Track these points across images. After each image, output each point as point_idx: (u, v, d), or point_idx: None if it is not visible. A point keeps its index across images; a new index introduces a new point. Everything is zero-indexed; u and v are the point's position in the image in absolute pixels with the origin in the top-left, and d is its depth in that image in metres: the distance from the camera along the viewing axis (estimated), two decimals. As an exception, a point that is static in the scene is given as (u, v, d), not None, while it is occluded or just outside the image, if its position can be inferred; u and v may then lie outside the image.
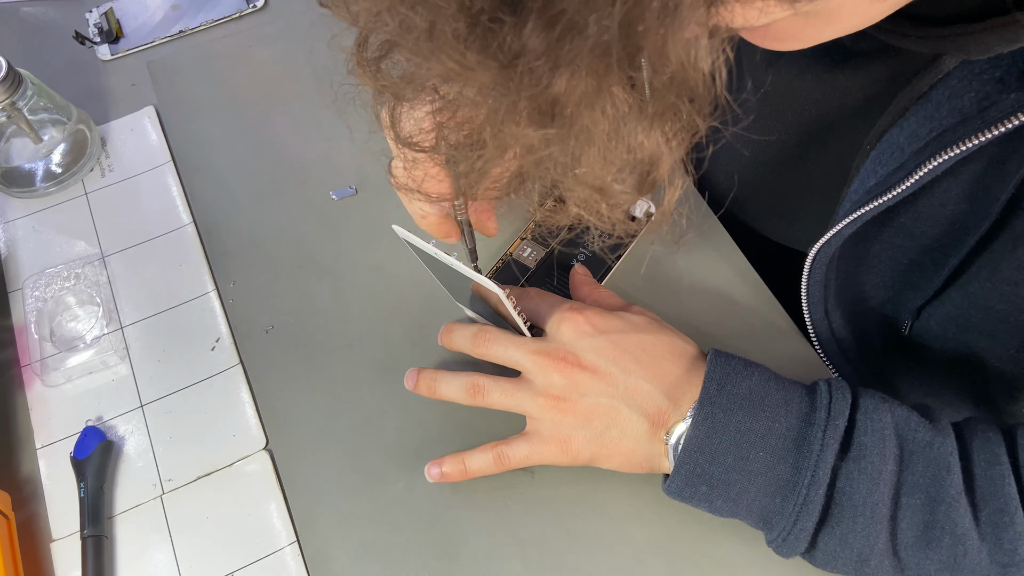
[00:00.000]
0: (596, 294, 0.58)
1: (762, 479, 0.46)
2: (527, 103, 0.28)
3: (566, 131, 0.29)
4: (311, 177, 0.70)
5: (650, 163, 0.31)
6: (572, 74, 0.26)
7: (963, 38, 0.40)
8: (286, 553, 0.53)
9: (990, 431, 0.47)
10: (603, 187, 0.33)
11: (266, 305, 0.64)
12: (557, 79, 0.27)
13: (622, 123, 0.29)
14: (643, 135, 0.30)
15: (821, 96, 0.56)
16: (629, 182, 0.33)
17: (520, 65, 0.27)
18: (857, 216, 0.48)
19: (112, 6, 0.84)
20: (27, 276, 0.65)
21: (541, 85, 0.27)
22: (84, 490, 0.55)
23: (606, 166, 0.31)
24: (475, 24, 0.26)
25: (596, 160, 0.31)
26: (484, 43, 0.27)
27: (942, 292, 0.51)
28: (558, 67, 0.26)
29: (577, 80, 0.27)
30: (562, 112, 0.28)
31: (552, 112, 0.28)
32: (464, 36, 0.27)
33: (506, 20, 0.26)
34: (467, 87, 0.29)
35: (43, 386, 0.61)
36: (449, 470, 0.53)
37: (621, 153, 0.30)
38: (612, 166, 0.31)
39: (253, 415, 0.59)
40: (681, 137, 0.31)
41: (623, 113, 0.29)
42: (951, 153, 0.42)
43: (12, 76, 0.65)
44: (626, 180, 0.33)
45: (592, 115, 0.28)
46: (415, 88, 0.33)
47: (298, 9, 0.82)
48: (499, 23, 0.26)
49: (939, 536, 0.44)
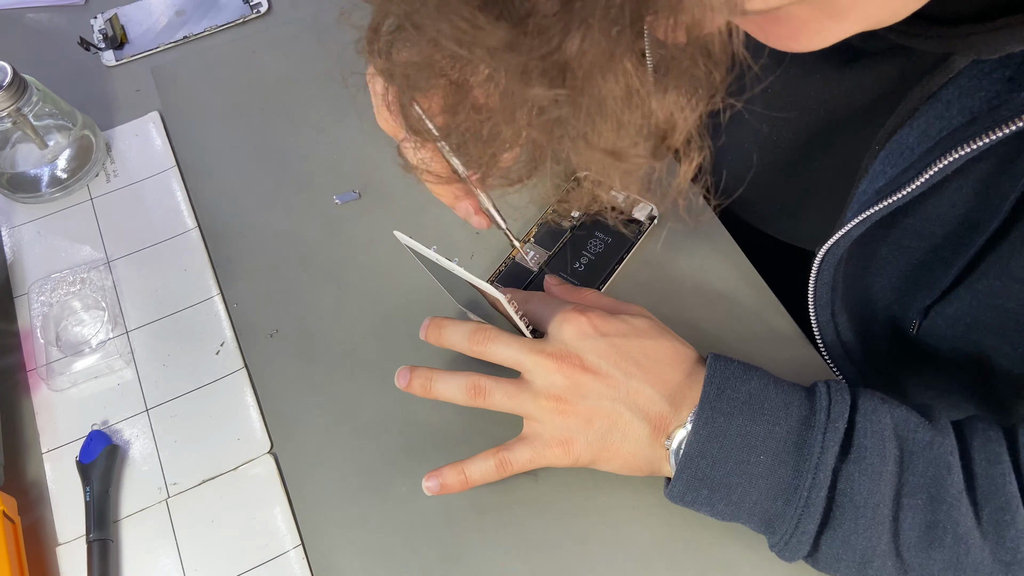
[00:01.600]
0: (577, 295, 0.57)
1: (763, 482, 0.46)
2: (538, 63, 0.27)
3: (577, 93, 0.28)
4: (315, 182, 0.70)
5: (665, 128, 0.31)
6: (584, 36, 0.26)
7: (974, 37, 0.40)
8: (291, 556, 0.54)
9: (990, 430, 0.47)
10: (616, 150, 0.32)
11: (270, 309, 0.64)
12: (569, 40, 0.26)
13: (637, 87, 0.29)
14: (658, 100, 0.29)
15: (829, 96, 0.56)
16: (644, 147, 0.32)
17: (530, 24, 0.26)
18: (866, 216, 0.48)
19: (117, 12, 0.84)
20: (33, 281, 0.66)
21: (552, 46, 0.26)
22: (90, 494, 0.55)
23: (621, 132, 0.30)
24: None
25: (610, 126, 0.30)
26: (494, 3, 0.26)
27: (950, 291, 0.51)
28: (570, 27, 0.26)
29: (589, 42, 0.26)
30: (574, 74, 0.28)
31: (564, 74, 0.28)
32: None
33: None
34: (477, 49, 0.28)
35: (49, 390, 0.61)
36: (449, 481, 0.52)
37: (636, 118, 0.30)
38: (627, 132, 0.30)
39: (258, 419, 0.59)
40: (697, 102, 0.30)
41: (637, 75, 0.28)
42: (961, 152, 0.42)
43: (17, 82, 0.65)
44: (640, 145, 0.32)
45: (605, 78, 0.28)
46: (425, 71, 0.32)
47: (302, 14, 0.82)
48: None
49: (941, 536, 0.44)
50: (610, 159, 0.32)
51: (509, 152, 0.35)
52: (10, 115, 0.65)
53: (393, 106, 0.39)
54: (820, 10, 0.34)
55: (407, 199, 0.68)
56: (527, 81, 0.28)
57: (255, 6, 0.83)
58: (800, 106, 0.58)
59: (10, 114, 0.65)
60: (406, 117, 0.39)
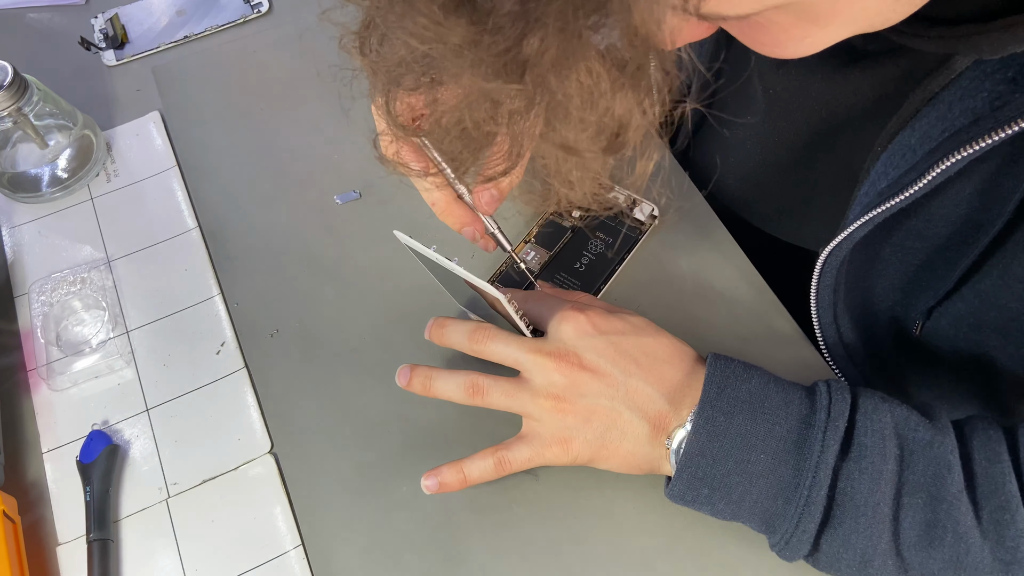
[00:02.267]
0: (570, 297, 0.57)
1: (764, 481, 0.46)
2: (497, 59, 0.29)
3: (535, 88, 0.30)
4: (315, 181, 0.70)
5: (619, 124, 0.32)
6: (542, 36, 0.27)
7: (976, 37, 0.40)
8: (291, 557, 0.54)
9: (991, 429, 0.47)
10: (571, 145, 0.33)
11: (271, 309, 0.64)
12: (528, 39, 0.27)
13: (590, 82, 0.30)
14: (615, 98, 0.30)
15: (831, 96, 0.56)
16: (598, 142, 0.33)
17: (490, 23, 0.27)
18: (868, 219, 0.48)
19: (117, 12, 0.84)
20: (33, 281, 0.66)
21: (510, 43, 0.28)
22: (90, 494, 0.55)
23: (578, 128, 0.32)
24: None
25: (569, 122, 0.31)
26: (458, 1, 0.28)
27: (953, 292, 0.51)
28: (528, 26, 0.27)
29: (547, 42, 0.27)
30: (533, 71, 0.29)
31: (523, 71, 0.29)
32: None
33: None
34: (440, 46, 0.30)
35: (49, 390, 0.61)
36: (448, 480, 0.51)
37: (593, 116, 0.31)
38: (584, 128, 0.32)
39: (258, 419, 0.59)
40: (651, 98, 0.31)
41: (591, 72, 0.29)
42: (964, 153, 0.42)
43: (18, 82, 0.65)
44: (595, 140, 0.33)
45: (564, 76, 0.29)
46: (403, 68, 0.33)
47: (302, 14, 0.82)
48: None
49: (941, 535, 0.44)
50: (564, 153, 0.34)
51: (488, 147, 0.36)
52: (11, 115, 0.65)
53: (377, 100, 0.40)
54: (799, 16, 0.34)
55: (408, 199, 0.68)
56: (485, 76, 0.30)
57: (256, 6, 0.83)
58: (802, 107, 0.58)
59: (11, 114, 0.65)
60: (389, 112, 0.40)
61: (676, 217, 0.65)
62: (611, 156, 0.34)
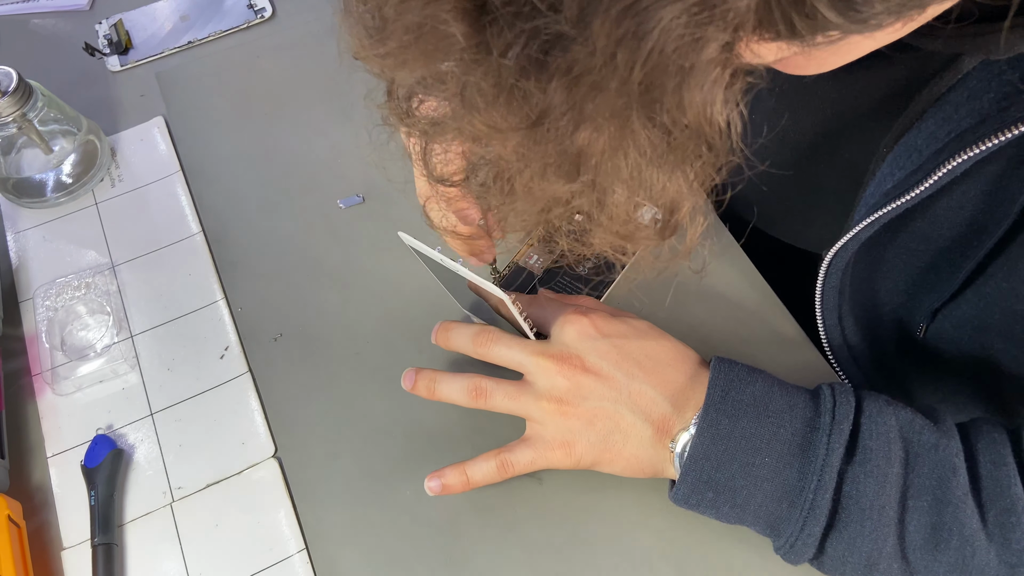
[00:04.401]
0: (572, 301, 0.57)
1: (768, 485, 0.46)
2: (555, 158, 0.29)
3: (590, 181, 0.30)
4: (318, 186, 0.70)
5: (671, 207, 0.33)
6: (595, 128, 0.28)
7: (984, 37, 0.40)
8: (295, 560, 0.54)
9: (995, 432, 0.47)
10: (627, 234, 0.34)
11: (274, 313, 0.64)
12: (581, 132, 0.28)
13: (643, 169, 0.30)
14: (664, 180, 0.31)
15: (837, 96, 0.56)
16: (660, 216, 0.34)
17: (546, 123, 0.28)
18: (874, 219, 0.48)
19: (121, 17, 0.85)
20: (38, 286, 0.66)
21: (567, 140, 0.28)
22: (95, 498, 0.55)
23: (628, 213, 0.32)
24: (502, 87, 0.27)
25: (618, 208, 0.32)
26: (511, 103, 0.28)
27: (958, 295, 0.51)
28: (582, 122, 0.27)
29: (600, 133, 0.28)
30: (587, 163, 0.29)
31: (578, 164, 0.29)
32: (492, 98, 0.28)
33: (531, 81, 0.27)
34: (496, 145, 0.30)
35: (54, 395, 0.61)
36: (451, 481, 0.52)
37: (643, 199, 0.32)
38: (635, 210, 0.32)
39: (262, 423, 0.59)
40: (701, 181, 0.31)
41: (644, 160, 0.30)
42: (970, 153, 0.42)
43: (23, 87, 0.65)
44: (657, 215, 0.34)
45: (615, 163, 0.29)
46: (444, 130, 0.34)
47: (305, 19, 0.82)
48: (525, 84, 0.27)
49: (947, 538, 0.44)
50: (621, 240, 0.35)
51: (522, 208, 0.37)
52: (15, 120, 0.66)
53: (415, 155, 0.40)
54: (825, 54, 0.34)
55: (411, 203, 0.68)
56: (545, 174, 0.30)
57: (259, 11, 0.83)
58: (808, 107, 0.58)
59: (15, 119, 0.65)
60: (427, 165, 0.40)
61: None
62: (665, 239, 0.35)
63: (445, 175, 0.40)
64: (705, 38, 0.25)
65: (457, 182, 0.41)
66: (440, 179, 0.40)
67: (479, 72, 0.27)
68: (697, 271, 0.63)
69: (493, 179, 0.35)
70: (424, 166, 0.40)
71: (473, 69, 0.27)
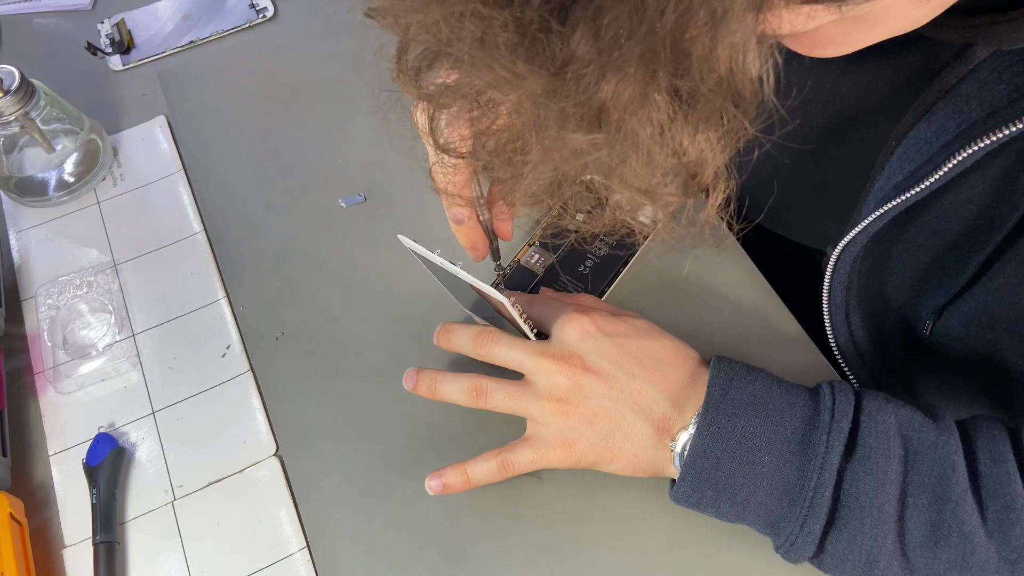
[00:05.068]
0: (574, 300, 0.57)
1: (768, 483, 0.46)
2: (575, 109, 0.28)
3: (613, 135, 0.29)
4: (320, 185, 0.71)
5: (696, 166, 0.32)
6: (619, 80, 0.27)
7: (995, 27, 0.40)
8: (296, 559, 0.54)
9: (995, 429, 0.47)
10: (649, 190, 0.33)
11: (276, 312, 0.64)
12: (605, 85, 0.27)
13: (668, 127, 0.29)
14: (688, 139, 0.30)
15: (847, 89, 0.55)
16: (675, 184, 0.33)
17: (569, 72, 0.27)
18: (883, 212, 0.48)
19: (124, 17, 0.85)
20: (40, 284, 0.66)
21: (589, 92, 0.27)
22: (96, 496, 0.55)
23: (651, 169, 0.31)
24: (525, 34, 0.27)
25: (641, 164, 0.31)
26: (533, 51, 0.27)
27: (966, 290, 0.51)
28: (606, 74, 0.26)
29: (624, 86, 0.27)
30: (609, 117, 0.28)
31: (599, 117, 0.28)
32: (514, 45, 0.27)
33: (555, 29, 0.26)
34: (516, 94, 0.29)
35: (56, 393, 0.61)
36: (451, 481, 0.52)
37: (667, 156, 0.31)
38: (657, 169, 0.31)
39: (263, 421, 0.59)
40: (726, 140, 0.31)
41: (669, 117, 0.29)
42: (980, 145, 0.42)
43: (25, 87, 0.65)
44: (672, 183, 0.33)
45: (639, 119, 0.28)
46: (455, 96, 0.33)
47: (307, 19, 0.83)
48: (548, 32, 0.26)
49: (947, 535, 0.44)
50: (643, 197, 0.33)
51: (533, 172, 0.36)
52: (18, 119, 0.66)
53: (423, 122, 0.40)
54: (849, 24, 0.34)
55: (412, 202, 0.68)
56: (565, 126, 0.29)
57: (261, 11, 0.83)
58: (816, 99, 0.57)
59: (18, 118, 0.66)
60: (435, 133, 0.40)
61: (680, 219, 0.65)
62: (689, 198, 0.34)
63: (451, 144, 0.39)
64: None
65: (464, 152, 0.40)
66: (446, 148, 0.40)
67: (502, 16, 0.26)
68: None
69: (504, 144, 0.35)
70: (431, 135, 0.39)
71: (496, 12, 0.26)
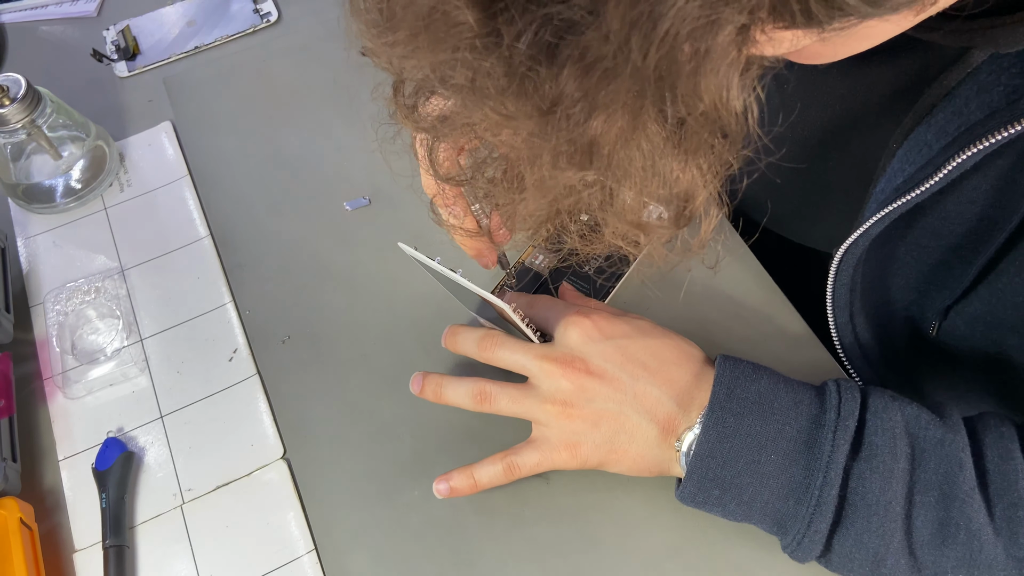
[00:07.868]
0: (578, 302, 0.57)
1: (774, 482, 0.46)
2: (566, 146, 0.29)
3: (604, 171, 0.30)
4: (325, 189, 0.71)
5: (686, 197, 0.32)
6: (607, 116, 0.27)
7: (993, 31, 0.40)
8: (304, 561, 0.54)
9: (1003, 426, 0.46)
10: (641, 223, 0.34)
11: (282, 316, 0.64)
12: (594, 121, 0.27)
13: (657, 158, 0.30)
14: (678, 170, 0.31)
15: (847, 91, 0.55)
16: (666, 216, 0.34)
17: (559, 111, 0.27)
18: (885, 214, 0.48)
19: (129, 24, 0.85)
20: (48, 290, 0.66)
21: (579, 128, 0.28)
22: (106, 500, 0.56)
23: (642, 201, 0.32)
24: (514, 75, 0.27)
25: (633, 196, 0.32)
26: (523, 91, 0.27)
27: (970, 291, 0.51)
28: (595, 110, 0.27)
29: (612, 121, 0.27)
30: (599, 152, 0.29)
31: (590, 153, 0.29)
32: (504, 87, 0.28)
33: (543, 68, 0.26)
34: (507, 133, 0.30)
35: (65, 398, 0.61)
36: (458, 484, 0.52)
37: (657, 188, 0.31)
38: (648, 201, 0.32)
39: (271, 425, 0.59)
40: (716, 170, 0.31)
41: (658, 149, 0.29)
42: (980, 146, 0.42)
43: (31, 94, 0.66)
44: (663, 215, 0.33)
45: (628, 152, 0.29)
46: (452, 128, 0.33)
47: (311, 23, 0.83)
48: (537, 72, 0.27)
49: (954, 533, 0.44)
50: (636, 230, 0.34)
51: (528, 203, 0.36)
52: (24, 127, 0.66)
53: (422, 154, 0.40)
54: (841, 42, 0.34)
55: (417, 205, 0.68)
56: (557, 163, 0.30)
57: (265, 16, 0.84)
58: (817, 102, 0.57)
59: (24, 126, 0.66)
60: (434, 164, 0.40)
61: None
62: (680, 228, 0.34)
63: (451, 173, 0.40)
64: (721, 20, 0.24)
65: (463, 181, 0.41)
66: (446, 177, 0.40)
67: (490, 60, 0.27)
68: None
69: (502, 174, 0.35)
70: (430, 164, 0.40)
71: (484, 57, 0.27)
